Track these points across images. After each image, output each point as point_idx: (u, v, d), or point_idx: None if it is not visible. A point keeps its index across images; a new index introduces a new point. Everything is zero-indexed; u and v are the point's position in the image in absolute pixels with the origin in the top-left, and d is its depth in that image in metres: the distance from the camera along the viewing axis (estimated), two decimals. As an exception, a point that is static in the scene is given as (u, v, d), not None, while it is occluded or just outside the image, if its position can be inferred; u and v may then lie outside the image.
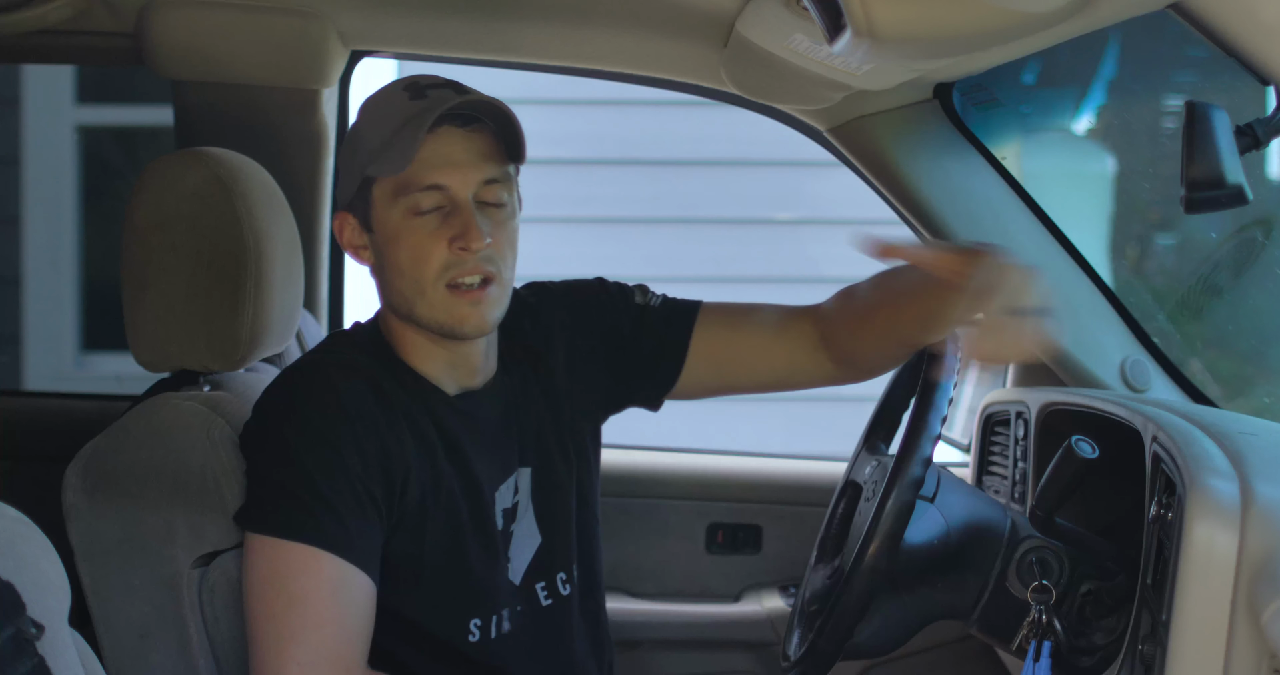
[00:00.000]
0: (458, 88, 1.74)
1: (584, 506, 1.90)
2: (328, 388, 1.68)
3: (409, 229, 1.70)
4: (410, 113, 1.69)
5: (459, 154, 1.70)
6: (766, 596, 2.60)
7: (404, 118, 1.69)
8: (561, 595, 1.84)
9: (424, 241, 1.69)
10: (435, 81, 1.73)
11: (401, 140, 1.67)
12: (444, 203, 1.70)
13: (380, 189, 1.71)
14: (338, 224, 1.77)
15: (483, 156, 1.72)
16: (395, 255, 1.71)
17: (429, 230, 1.69)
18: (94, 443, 1.73)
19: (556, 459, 1.86)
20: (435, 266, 1.70)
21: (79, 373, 5.56)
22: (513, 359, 1.86)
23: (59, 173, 5.58)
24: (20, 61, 4.50)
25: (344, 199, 1.76)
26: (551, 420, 1.87)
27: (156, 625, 1.69)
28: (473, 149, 1.71)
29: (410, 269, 1.70)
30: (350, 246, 1.77)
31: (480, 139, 1.72)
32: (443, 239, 1.69)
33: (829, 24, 1.54)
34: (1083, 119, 3.24)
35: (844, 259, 6.16)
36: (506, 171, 1.74)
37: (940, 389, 1.64)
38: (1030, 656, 1.65)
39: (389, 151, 1.68)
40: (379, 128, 1.71)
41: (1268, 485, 1.39)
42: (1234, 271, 2.54)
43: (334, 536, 1.62)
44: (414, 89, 1.72)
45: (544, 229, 5.33)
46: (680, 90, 2.39)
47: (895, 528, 1.58)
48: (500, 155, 1.73)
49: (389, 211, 1.71)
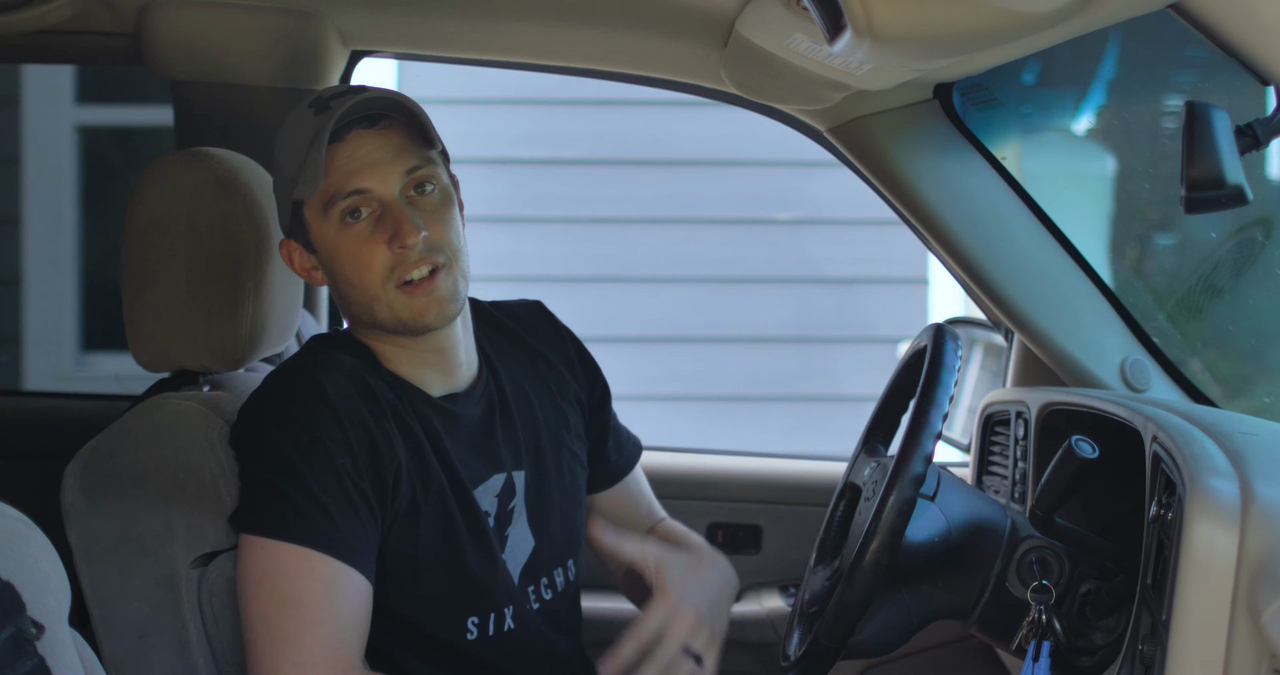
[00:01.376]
0: (357, 90, 1.73)
1: (576, 505, 1.90)
2: (314, 387, 1.68)
3: (345, 239, 1.71)
4: (317, 128, 1.69)
5: (373, 154, 1.70)
6: (766, 596, 2.60)
7: (313, 133, 1.69)
8: (545, 599, 1.84)
9: (362, 248, 1.70)
10: (338, 91, 1.73)
11: (316, 157, 1.68)
12: (372, 205, 1.70)
13: (310, 209, 1.73)
14: (285, 253, 1.79)
15: (398, 150, 1.71)
16: (341, 268, 1.72)
17: (365, 236, 1.70)
18: (93, 443, 1.73)
19: (549, 461, 1.86)
20: (380, 270, 1.70)
21: (79, 373, 5.56)
22: (500, 358, 1.87)
23: (59, 173, 5.58)
24: (20, 61, 4.50)
25: (284, 227, 1.78)
26: (546, 420, 1.87)
27: (155, 625, 1.69)
28: (387, 145, 1.71)
29: (357, 277, 1.71)
30: (303, 271, 1.78)
31: (392, 134, 1.72)
32: (380, 241, 1.70)
33: (829, 24, 1.54)
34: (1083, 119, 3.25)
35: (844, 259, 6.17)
36: (427, 157, 1.73)
37: (941, 386, 1.65)
38: (1030, 656, 1.65)
39: (305, 170, 1.69)
40: (294, 150, 1.72)
41: (1268, 485, 1.39)
42: (1234, 271, 2.54)
43: (325, 536, 1.63)
44: (319, 104, 1.72)
45: (544, 229, 5.34)
46: (680, 90, 2.39)
47: (897, 524, 1.58)
48: (416, 144, 1.73)
49: (323, 228, 1.72)
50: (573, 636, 1.91)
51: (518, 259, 5.16)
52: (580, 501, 1.92)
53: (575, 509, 1.91)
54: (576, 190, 5.34)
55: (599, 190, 5.35)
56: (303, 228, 1.74)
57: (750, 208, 5.39)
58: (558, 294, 2.15)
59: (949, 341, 1.71)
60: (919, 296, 5.38)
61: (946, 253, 2.23)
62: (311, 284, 1.81)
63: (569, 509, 1.89)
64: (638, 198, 5.37)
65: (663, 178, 5.39)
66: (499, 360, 1.87)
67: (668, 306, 5.27)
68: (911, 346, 1.86)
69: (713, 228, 5.40)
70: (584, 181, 5.35)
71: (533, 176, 5.32)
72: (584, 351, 2.00)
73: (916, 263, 5.23)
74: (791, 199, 5.45)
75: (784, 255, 5.41)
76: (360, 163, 1.69)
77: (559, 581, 1.86)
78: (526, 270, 5.16)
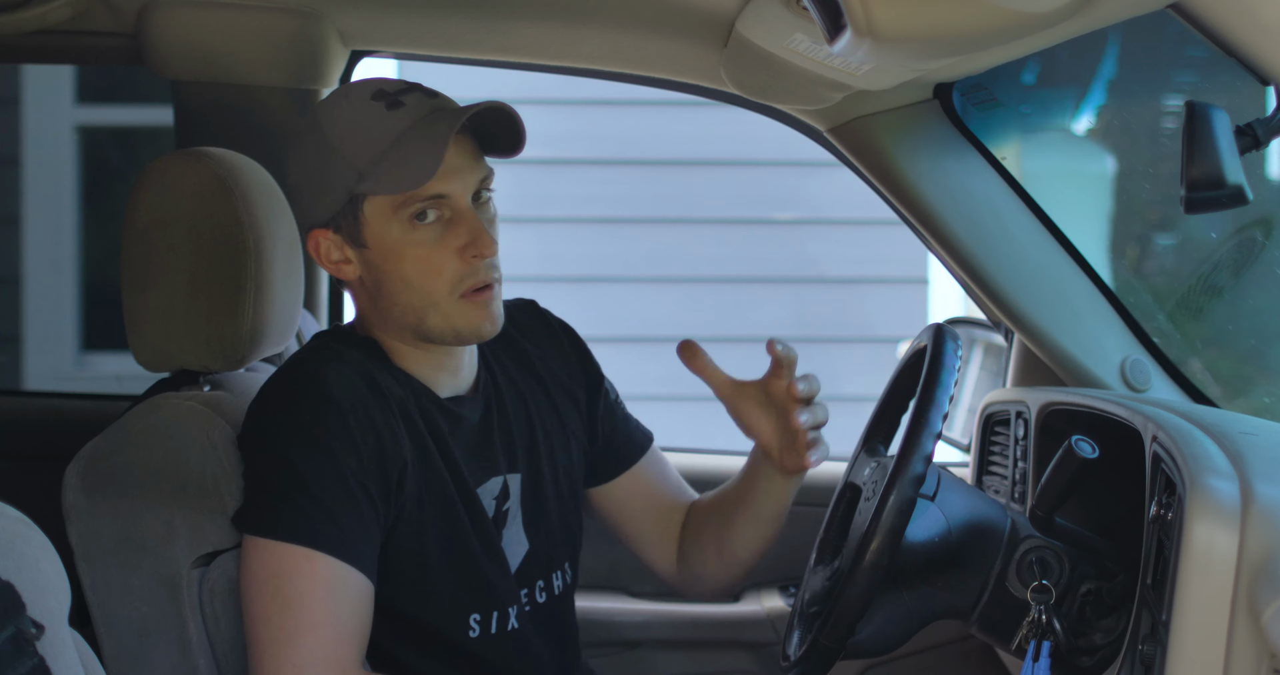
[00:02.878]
0: (424, 90, 1.72)
1: (573, 509, 1.90)
2: (319, 384, 1.68)
3: (413, 241, 1.68)
4: (400, 125, 1.67)
5: (456, 160, 1.68)
6: (766, 596, 2.60)
7: (394, 131, 1.66)
8: (539, 603, 1.84)
9: (431, 253, 1.68)
10: (401, 86, 1.71)
11: (408, 156, 1.65)
12: (445, 210, 1.69)
13: (374, 205, 1.69)
14: (313, 242, 1.74)
15: (474, 158, 1.71)
16: (399, 268, 1.69)
17: (434, 240, 1.68)
18: (94, 443, 1.73)
19: (544, 465, 1.86)
20: (448, 278, 1.69)
21: (79, 373, 5.56)
22: (497, 361, 1.87)
23: (59, 173, 5.58)
24: (20, 61, 4.50)
25: (321, 216, 1.72)
26: (542, 422, 1.87)
27: (156, 625, 1.69)
28: (464, 153, 1.70)
29: (420, 281, 1.69)
30: (329, 262, 1.74)
31: (467, 140, 1.71)
32: (450, 248, 1.68)
33: (829, 24, 1.54)
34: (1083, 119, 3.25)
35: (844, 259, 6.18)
36: (490, 168, 1.74)
37: (941, 386, 1.65)
38: (1030, 656, 1.65)
39: (392, 169, 1.65)
40: (363, 144, 1.67)
41: (1268, 485, 1.38)
42: (1234, 271, 2.54)
43: (328, 537, 1.62)
44: (385, 98, 1.69)
45: (544, 229, 5.34)
46: (680, 90, 2.39)
47: (897, 524, 1.58)
48: (481, 153, 1.73)
49: (387, 226, 1.69)
50: (568, 641, 1.90)
51: (518, 259, 5.15)
52: (578, 505, 1.92)
53: (572, 512, 1.90)
54: (576, 190, 5.34)
55: (599, 190, 5.35)
56: (355, 222, 1.70)
57: (750, 208, 5.38)
58: (558, 294, 2.14)
59: (949, 341, 1.71)
60: (919, 296, 5.38)
61: (946, 253, 2.23)
62: (336, 276, 1.76)
63: (565, 512, 1.89)
64: (638, 198, 5.37)
65: (663, 178, 5.39)
66: (495, 363, 1.87)
67: (668, 306, 5.27)
68: (911, 346, 1.86)
69: (713, 228, 5.40)
70: (584, 181, 5.35)
71: (533, 176, 5.32)
72: (578, 342, 1.98)
73: (916, 263, 5.22)
74: (791, 199, 5.45)
75: (784, 255, 5.41)
76: (445, 168, 1.66)
77: (556, 585, 1.86)
78: (526, 270, 5.16)
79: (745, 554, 1.94)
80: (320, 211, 1.72)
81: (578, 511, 1.92)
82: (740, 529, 1.92)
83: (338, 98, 1.73)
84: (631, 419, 2.02)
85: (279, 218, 1.88)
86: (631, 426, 2.01)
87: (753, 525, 1.91)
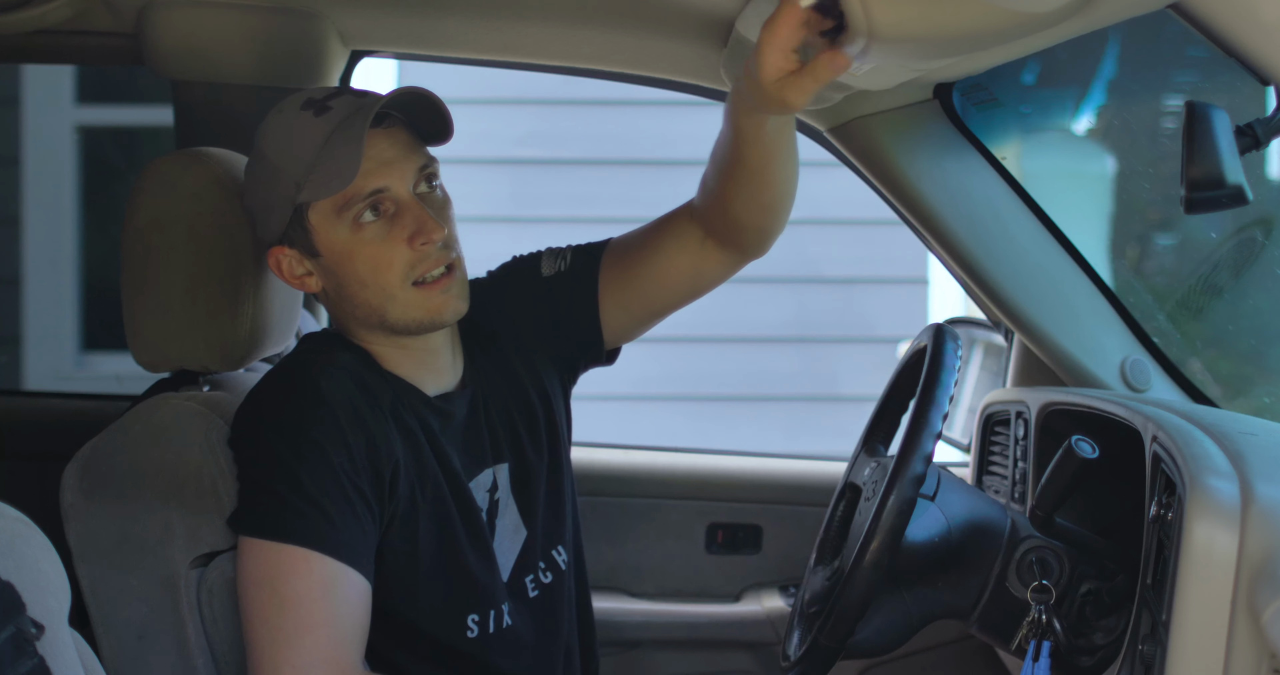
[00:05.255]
0: (355, 91, 1.73)
1: (560, 488, 1.90)
2: (310, 385, 1.68)
3: (361, 241, 1.69)
4: (326, 129, 1.68)
5: (387, 153, 1.69)
6: (766, 596, 2.60)
7: (321, 136, 1.67)
8: (544, 583, 1.84)
9: (380, 248, 1.69)
10: (330, 92, 1.72)
11: (334, 158, 1.66)
12: (388, 205, 1.70)
13: (317, 212, 1.70)
14: (273, 261, 1.75)
15: (408, 148, 1.72)
16: (353, 270, 1.70)
17: (382, 236, 1.69)
18: (93, 443, 1.73)
19: (529, 449, 1.86)
20: (400, 268, 1.69)
21: (79, 373, 5.56)
22: (475, 355, 1.87)
23: (59, 173, 5.58)
24: (20, 61, 4.49)
25: (272, 234, 1.73)
26: (518, 408, 1.87)
27: (155, 626, 1.68)
28: (397, 144, 1.71)
29: (373, 277, 1.70)
30: (292, 277, 1.75)
31: (398, 132, 1.72)
32: (399, 240, 1.69)
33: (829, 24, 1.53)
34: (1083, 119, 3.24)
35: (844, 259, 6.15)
36: (430, 155, 1.74)
37: (941, 386, 1.65)
38: (1030, 656, 1.65)
39: (322, 173, 1.66)
40: (296, 153, 1.68)
41: (1268, 485, 1.39)
42: (1234, 271, 2.54)
43: (323, 536, 1.62)
44: (313, 105, 1.70)
45: (544, 229, 5.33)
46: (680, 90, 2.39)
47: (897, 524, 1.58)
48: (418, 142, 1.73)
49: (333, 231, 1.70)
50: (578, 624, 1.90)
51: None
52: (564, 483, 1.92)
53: (559, 491, 1.90)
54: (576, 190, 5.34)
55: (599, 190, 5.35)
56: (304, 232, 1.71)
57: (750, 208, 5.38)
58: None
59: (949, 341, 1.71)
60: (919, 296, 5.38)
61: (946, 253, 2.23)
62: (303, 291, 1.78)
63: (553, 492, 1.89)
64: (638, 198, 5.35)
65: (663, 178, 5.38)
66: (475, 355, 1.87)
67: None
68: (911, 346, 1.86)
69: (712, 228, 5.39)
70: (584, 181, 5.35)
71: (533, 176, 5.32)
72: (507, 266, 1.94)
73: (916, 263, 5.22)
74: (791, 199, 5.44)
75: (784, 255, 5.40)
76: (376, 162, 1.68)
77: (560, 561, 1.87)
78: (526, 270, 5.16)
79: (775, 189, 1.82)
80: (273, 228, 1.73)
81: (566, 491, 1.92)
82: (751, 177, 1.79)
83: (273, 114, 1.74)
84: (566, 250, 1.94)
85: (279, 218, 1.88)
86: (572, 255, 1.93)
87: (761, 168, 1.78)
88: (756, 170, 1.77)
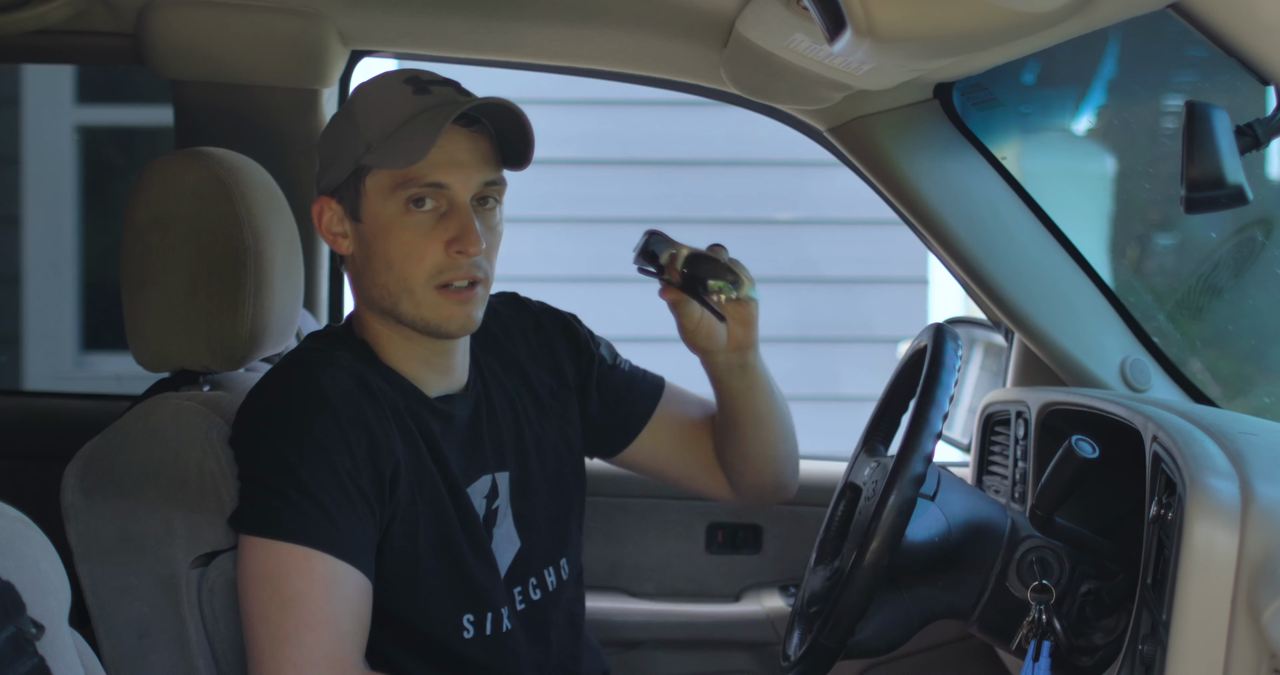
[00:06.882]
0: (458, 87, 1.74)
1: (566, 504, 1.90)
2: (311, 384, 1.68)
3: (404, 224, 1.70)
4: (417, 107, 1.69)
5: (463, 154, 1.70)
6: (766, 596, 2.60)
7: (410, 112, 1.68)
8: (534, 600, 1.84)
9: (418, 240, 1.69)
10: (435, 78, 1.73)
11: (412, 135, 1.66)
12: (442, 202, 1.70)
13: (375, 180, 1.71)
14: (318, 208, 1.76)
15: (485, 158, 1.72)
16: (385, 248, 1.71)
17: (425, 228, 1.70)
18: (93, 443, 1.73)
19: (533, 461, 1.86)
20: (428, 267, 1.70)
21: (79, 373, 5.56)
22: (485, 361, 1.87)
23: (59, 173, 5.58)
24: (20, 61, 4.50)
25: (329, 184, 1.75)
26: (529, 420, 1.87)
27: (155, 625, 1.68)
28: (476, 150, 1.71)
29: (400, 265, 1.70)
30: (328, 232, 1.76)
31: (482, 140, 1.72)
32: (438, 239, 1.69)
33: (829, 24, 1.54)
34: (1083, 119, 3.24)
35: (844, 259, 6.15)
36: (502, 175, 1.75)
37: (941, 386, 1.65)
38: (1030, 656, 1.65)
39: (395, 144, 1.67)
40: (380, 119, 1.70)
41: (1268, 485, 1.39)
42: (1234, 271, 2.54)
43: (324, 535, 1.62)
44: (416, 83, 1.71)
45: (544, 229, 5.34)
46: (680, 90, 2.39)
47: (897, 524, 1.58)
48: (497, 159, 1.74)
49: (383, 204, 1.70)
50: (568, 639, 1.90)
51: (518, 259, 5.15)
52: (572, 501, 1.91)
53: (565, 508, 1.90)
54: (576, 190, 5.34)
55: (599, 190, 5.35)
56: (355, 193, 1.72)
57: (750, 208, 5.38)
58: (558, 294, 2.14)
59: (949, 341, 1.71)
60: (919, 296, 5.38)
61: (946, 253, 2.23)
62: (332, 247, 1.77)
63: (558, 508, 1.89)
64: (638, 198, 5.36)
65: (663, 178, 5.39)
66: (484, 361, 1.87)
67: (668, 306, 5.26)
68: (911, 346, 1.86)
69: (713, 228, 5.38)
70: (584, 181, 5.35)
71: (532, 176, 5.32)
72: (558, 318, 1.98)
73: (916, 263, 5.22)
74: (791, 199, 5.45)
75: (784, 255, 5.41)
76: (449, 158, 1.68)
77: (549, 581, 1.86)
78: (526, 270, 5.16)
79: (769, 452, 1.99)
80: (330, 178, 1.74)
81: (574, 508, 1.92)
82: (744, 434, 1.97)
83: (377, 76, 1.76)
84: (638, 372, 2.02)
85: (279, 217, 1.88)
86: (639, 380, 2.01)
87: (750, 426, 1.96)
88: (750, 425, 1.95)
